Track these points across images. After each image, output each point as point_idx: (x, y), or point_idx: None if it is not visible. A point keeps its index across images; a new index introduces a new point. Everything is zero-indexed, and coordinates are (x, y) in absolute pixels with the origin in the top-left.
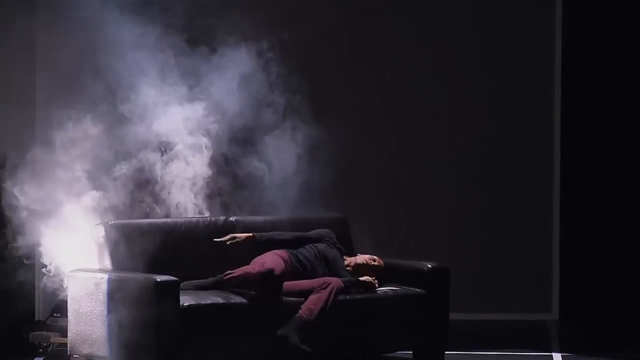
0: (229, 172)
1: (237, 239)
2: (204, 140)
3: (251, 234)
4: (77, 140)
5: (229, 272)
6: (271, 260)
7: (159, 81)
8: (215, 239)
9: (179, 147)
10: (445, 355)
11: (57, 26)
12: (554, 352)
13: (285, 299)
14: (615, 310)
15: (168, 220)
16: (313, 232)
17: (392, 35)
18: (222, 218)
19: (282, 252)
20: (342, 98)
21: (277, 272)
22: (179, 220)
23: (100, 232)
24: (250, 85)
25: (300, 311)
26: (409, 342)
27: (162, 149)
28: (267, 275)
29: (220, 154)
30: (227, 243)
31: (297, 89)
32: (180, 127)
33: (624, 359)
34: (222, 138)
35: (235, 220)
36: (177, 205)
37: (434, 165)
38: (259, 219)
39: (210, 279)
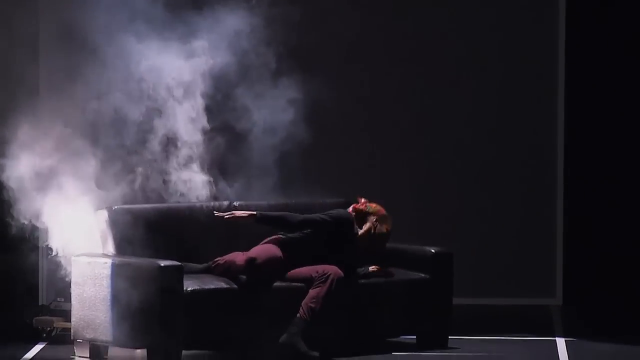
0: (220, 136)
1: (234, 216)
2: (193, 99)
3: (254, 213)
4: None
5: (217, 259)
6: (260, 249)
7: (150, 39)
8: (215, 212)
9: (168, 106)
10: (448, 340)
11: None
12: (558, 336)
13: (277, 284)
14: (618, 295)
15: (171, 204)
16: (323, 218)
17: (391, 30)
18: (225, 203)
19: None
20: (342, 92)
21: (260, 260)
22: (182, 205)
23: (103, 216)
24: (240, 42)
25: (301, 311)
26: (412, 327)
27: (155, 109)
28: (249, 263)
29: (209, 113)
30: (225, 217)
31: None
32: (170, 88)
33: (627, 343)
34: (211, 99)
35: (238, 204)
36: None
37: (439, 150)
38: (262, 204)
39: (203, 265)
